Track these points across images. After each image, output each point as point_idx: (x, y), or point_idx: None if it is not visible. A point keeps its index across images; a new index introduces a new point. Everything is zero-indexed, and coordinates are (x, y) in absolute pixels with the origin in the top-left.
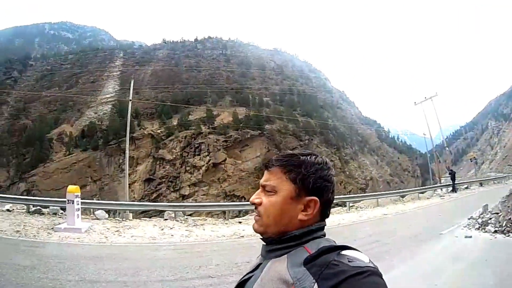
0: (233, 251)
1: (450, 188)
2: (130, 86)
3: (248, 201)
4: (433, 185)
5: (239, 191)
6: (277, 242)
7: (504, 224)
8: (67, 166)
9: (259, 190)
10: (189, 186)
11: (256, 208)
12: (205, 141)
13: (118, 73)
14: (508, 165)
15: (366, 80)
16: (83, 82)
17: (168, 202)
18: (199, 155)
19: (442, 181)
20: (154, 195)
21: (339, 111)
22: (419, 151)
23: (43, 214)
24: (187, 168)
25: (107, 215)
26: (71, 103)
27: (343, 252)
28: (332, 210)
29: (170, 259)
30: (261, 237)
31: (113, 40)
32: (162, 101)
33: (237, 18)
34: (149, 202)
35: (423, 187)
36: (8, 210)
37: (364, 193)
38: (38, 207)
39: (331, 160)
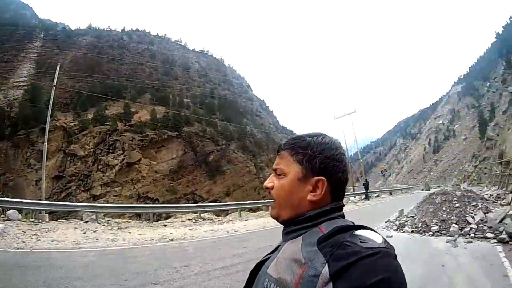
0: (167, 255)
1: (363, 196)
2: (55, 70)
3: (163, 203)
4: (349, 193)
5: (153, 193)
6: (293, 224)
7: (419, 226)
8: None
9: (272, 175)
10: (101, 186)
11: (269, 193)
12: (120, 138)
13: (35, 55)
14: (413, 178)
15: (286, 92)
16: None
17: (79, 202)
18: (113, 153)
19: (355, 189)
20: (63, 194)
21: (258, 118)
22: None
23: None
24: (100, 167)
25: (20, 216)
26: None
27: (357, 232)
28: (254, 214)
29: (103, 266)
30: (279, 221)
31: (35, 18)
32: (79, 91)
33: (168, 13)
34: (58, 201)
35: None
36: None
37: None
38: None
39: (246, 166)
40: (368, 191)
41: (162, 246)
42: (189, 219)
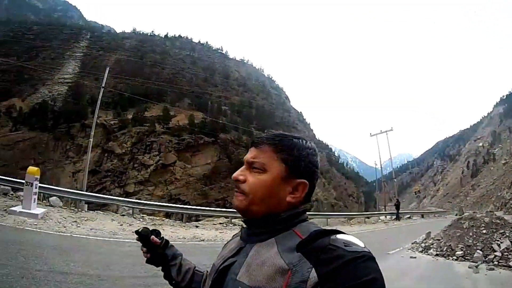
0: (198, 254)
1: (394, 216)
2: (103, 72)
3: (194, 205)
4: (379, 212)
5: (185, 196)
6: (262, 224)
7: (444, 249)
8: (11, 143)
9: (243, 166)
10: (134, 183)
11: (237, 185)
12: (157, 140)
13: (81, 54)
14: (448, 201)
15: (325, 106)
16: (43, 57)
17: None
18: (149, 153)
19: (386, 209)
20: (98, 187)
21: (294, 130)
22: (365, 179)
23: None
24: (135, 165)
25: (61, 203)
26: (26, 76)
27: (338, 236)
28: None
29: (137, 256)
30: (243, 219)
31: (82, 19)
32: (121, 92)
33: (211, 21)
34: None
35: (370, 212)
36: None
37: None
38: None
39: None
40: (400, 211)
41: (194, 245)
42: (220, 223)
